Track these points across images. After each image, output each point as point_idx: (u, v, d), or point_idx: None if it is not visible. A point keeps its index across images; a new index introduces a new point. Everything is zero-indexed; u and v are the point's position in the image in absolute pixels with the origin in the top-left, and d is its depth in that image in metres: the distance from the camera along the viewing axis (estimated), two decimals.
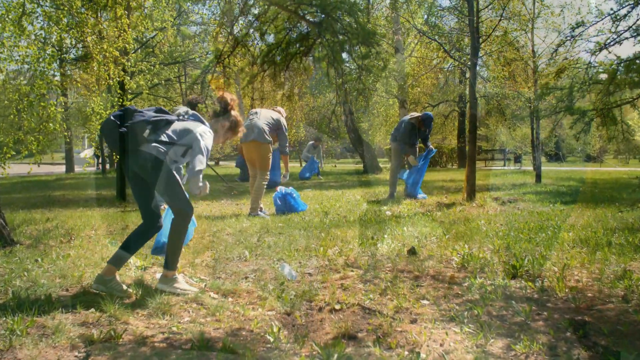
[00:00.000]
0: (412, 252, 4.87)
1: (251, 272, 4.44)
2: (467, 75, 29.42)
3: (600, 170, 28.70)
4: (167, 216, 4.28)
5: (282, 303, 3.62)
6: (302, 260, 4.79)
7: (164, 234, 4.34)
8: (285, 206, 8.10)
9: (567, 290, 3.81)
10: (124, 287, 3.88)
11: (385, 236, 5.66)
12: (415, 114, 10.09)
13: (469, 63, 9.30)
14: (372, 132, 24.88)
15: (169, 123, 4.03)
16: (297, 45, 2.79)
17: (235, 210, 8.65)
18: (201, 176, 3.94)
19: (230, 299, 3.81)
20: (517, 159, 36.11)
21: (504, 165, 35.08)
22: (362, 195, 10.99)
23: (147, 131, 3.91)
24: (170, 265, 3.97)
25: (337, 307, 3.52)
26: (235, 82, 22.04)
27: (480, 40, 9.53)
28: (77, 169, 32.50)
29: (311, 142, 19.05)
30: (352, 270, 4.40)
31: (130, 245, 3.97)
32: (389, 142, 29.27)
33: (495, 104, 30.24)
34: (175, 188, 3.98)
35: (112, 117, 3.93)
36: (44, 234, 6.33)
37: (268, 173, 8.08)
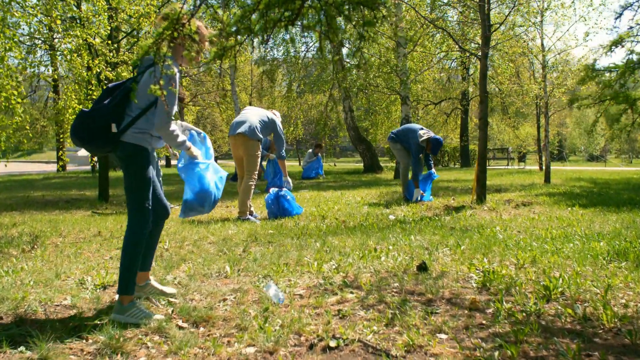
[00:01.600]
0: (423, 267, 4.12)
1: (231, 293, 3.70)
2: (471, 72, 28.77)
3: (606, 170, 27.95)
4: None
5: (265, 336, 2.88)
6: (293, 277, 4.04)
7: (185, 192, 3.94)
8: (279, 209, 7.36)
9: (616, 320, 3.07)
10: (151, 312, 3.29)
11: (390, 247, 4.91)
12: (424, 134, 9.24)
13: (479, 53, 8.55)
14: (373, 130, 24.08)
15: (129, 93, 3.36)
16: (281, 9, 2.10)
17: (224, 213, 7.90)
18: (179, 133, 3.45)
19: (201, 329, 3.07)
20: (521, 158, 35.48)
21: (507, 165, 34.34)
22: (363, 196, 10.24)
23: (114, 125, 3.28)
24: (123, 288, 3.23)
25: (333, 344, 2.77)
26: (230, 76, 21.31)
27: (492, 29, 8.76)
28: (71, 167, 31.72)
29: (310, 150, 18.30)
30: (351, 292, 3.65)
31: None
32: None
33: (499, 102, 29.55)
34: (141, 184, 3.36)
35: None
36: (5, 241, 5.59)
37: (256, 173, 7.36)
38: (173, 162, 40.34)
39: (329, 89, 21.70)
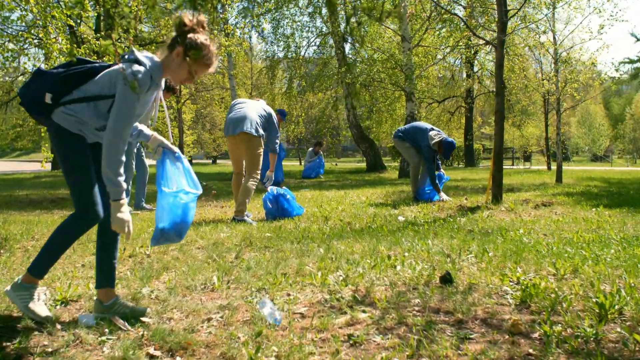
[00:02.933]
0: (447, 279, 3.46)
1: (217, 310, 3.06)
2: (476, 68, 28.13)
3: (614, 169, 27.29)
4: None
5: None
6: (292, 291, 3.39)
7: (160, 219, 3.14)
8: (278, 210, 6.71)
9: None
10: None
11: (406, 254, 4.26)
12: (435, 136, 8.56)
13: (495, 42, 7.91)
14: (377, 128, 23.45)
15: (89, 75, 2.85)
16: None
17: (217, 214, 7.24)
18: (122, 189, 2.82)
19: None
20: (527, 158, 34.94)
21: (512, 165, 33.71)
22: (368, 196, 9.58)
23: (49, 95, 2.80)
24: (34, 269, 2.91)
25: None
26: (229, 66, 20.65)
27: (509, 14, 8.10)
28: None
29: (311, 149, 17.61)
30: (363, 310, 3.00)
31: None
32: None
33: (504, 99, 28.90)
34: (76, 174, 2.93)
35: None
36: None
37: (258, 173, 6.68)
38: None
39: (331, 86, 21.06)
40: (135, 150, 7.54)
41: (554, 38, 14.64)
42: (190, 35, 2.84)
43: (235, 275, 3.74)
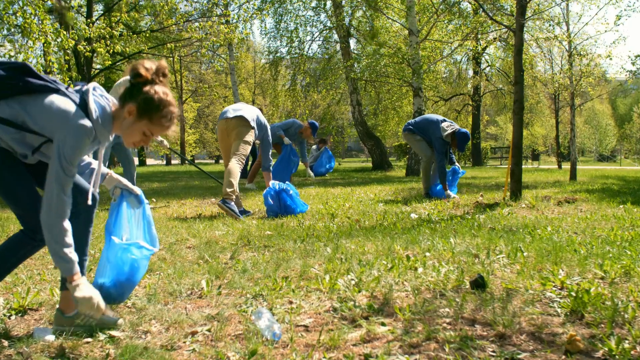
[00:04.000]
0: (479, 283, 2.91)
1: (204, 322, 2.52)
2: (483, 65, 27.58)
3: (624, 169, 26.67)
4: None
5: None
6: (295, 298, 2.84)
7: (101, 272, 2.77)
8: (280, 206, 6.16)
9: None
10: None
11: (427, 254, 3.70)
12: (448, 127, 8.01)
13: (514, 26, 7.35)
14: (383, 127, 22.86)
15: (24, 91, 2.30)
16: None
17: (214, 211, 6.68)
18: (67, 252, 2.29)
19: None
20: (536, 157, 34.39)
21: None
22: (376, 193, 9.03)
23: None
24: None
25: None
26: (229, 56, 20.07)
27: None
28: None
29: (315, 146, 16.94)
30: (382, 322, 2.45)
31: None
32: (399, 134, 27.33)
33: (509, 95, 28.39)
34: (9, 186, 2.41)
35: None
36: None
37: (244, 159, 6.23)
38: (174, 160, 39.19)
39: (335, 82, 20.50)
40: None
41: (568, 30, 14.08)
42: (146, 88, 2.29)
43: (229, 278, 3.20)
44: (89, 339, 2.35)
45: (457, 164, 8.45)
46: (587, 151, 61.51)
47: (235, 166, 6.11)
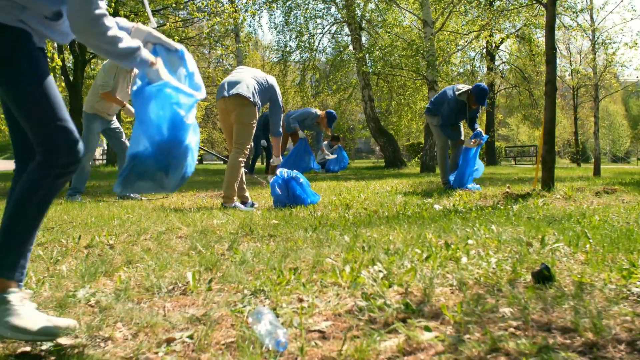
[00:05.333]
0: (544, 276, 2.24)
1: (185, 327, 1.88)
2: (497, 62, 26.86)
3: None
4: None
5: None
6: (307, 293, 2.18)
7: (134, 140, 2.10)
8: (288, 196, 5.50)
9: None
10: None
11: (470, 241, 3.02)
12: (462, 87, 7.45)
13: (545, 0, 6.68)
14: (397, 122, 22.16)
15: None
16: None
17: (216, 203, 6.03)
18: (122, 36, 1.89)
19: None
20: None
21: (535, 163, 32.32)
22: (393, 186, 8.35)
23: None
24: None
25: None
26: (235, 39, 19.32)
27: None
28: None
29: (326, 142, 16.25)
30: (426, 327, 1.78)
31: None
32: (413, 131, 26.66)
33: (524, 92, 27.70)
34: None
35: None
36: None
37: (248, 147, 5.58)
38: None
39: (346, 73, 19.84)
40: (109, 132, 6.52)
41: (592, 19, 13.38)
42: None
43: (224, 271, 2.55)
44: (26, 348, 1.72)
45: (479, 128, 7.72)
46: (601, 152, 60.64)
47: (237, 162, 5.47)
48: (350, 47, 19.12)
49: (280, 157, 6.42)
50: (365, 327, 1.80)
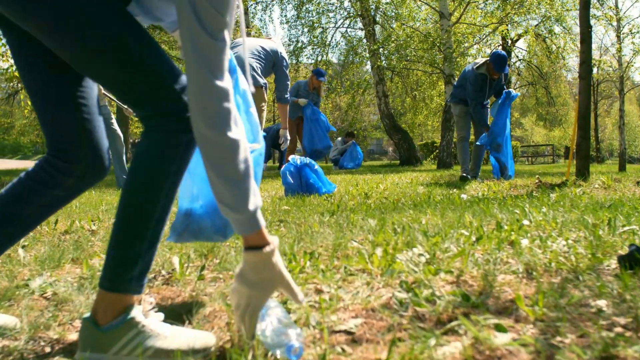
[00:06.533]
0: (636, 258, 1.72)
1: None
2: (513, 59, 26.21)
3: None
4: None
5: None
6: (328, 283, 1.66)
7: (185, 194, 1.65)
8: (301, 185, 5.00)
9: None
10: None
11: (526, 222, 2.48)
12: (480, 60, 6.94)
13: None
14: (412, 119, 21.61)
15: None
16: None
17: None
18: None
19: None
20: (567, 155, 32.86)
21: (553, 162, 31.66)
22: (412, 178, 7.82)
23: None
24: (115, 279, 1.26)
25: None
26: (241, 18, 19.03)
27: None
28: None
29: (340, 139, 15.73)
30: (497, 326, 1.27)
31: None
32: (428, 128, 26.02)
33: (541, 90, 27.11)
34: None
35: None
36: None
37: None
38: None
39: (359, 71, 19.33)
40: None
41: (617, 8, 12.79)
42: None
43: (222, 256, 2.04)
44: None
45: (508, 88, 7.18)
46: (615, 151, 59.47)
47: None
48: (364, 42, 18.59)
49: (288, 133, 5.93)
50: (411, 326, 1.29)
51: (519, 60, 27.78)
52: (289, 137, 5.87)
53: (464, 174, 7.01)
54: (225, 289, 1.65)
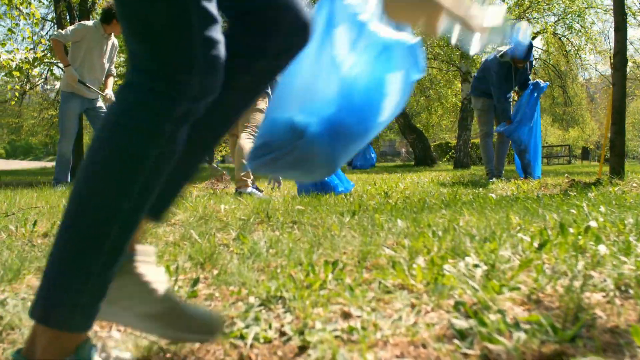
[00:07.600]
0: None
1: None
2: (536, 52, 25.69)
3: None
4: None
5: None
6: (357, 303, 1.26)
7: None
8: (315, 183, 4.60)
9: None
10: None
11: (593, 223, 2.05)
12: (504, 48, 6.45)
13: None
14: (426, 118, 21.18)
15: None
16: None
17: (227, 190, 5.15)
18: None
19: None
20: (586, 156, 32.35)
21: (569, 163, 31.07)
22: (432, 178, 7.40)
23: None
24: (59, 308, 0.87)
25: None
26: None
27: None
28: None
29: None
30: None
31: None
32: (444, 124, 25.60)
33: (557, 90, 26.58)
34: None
35: None
36: None
37: (255, 128, 4.69)
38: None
39: None
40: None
41: None
42: None
43: (220, 267, 1.65)
44: None
45: (534, 79, 6.70)
46: (631, 152, 58.70)
47: (247, 143, 4.59)
48: None
49: None
50: None
51: (535, 59, 27.27)
52: None
53: (489, 175, 6.59)
54: (223, 310, 1.26)
